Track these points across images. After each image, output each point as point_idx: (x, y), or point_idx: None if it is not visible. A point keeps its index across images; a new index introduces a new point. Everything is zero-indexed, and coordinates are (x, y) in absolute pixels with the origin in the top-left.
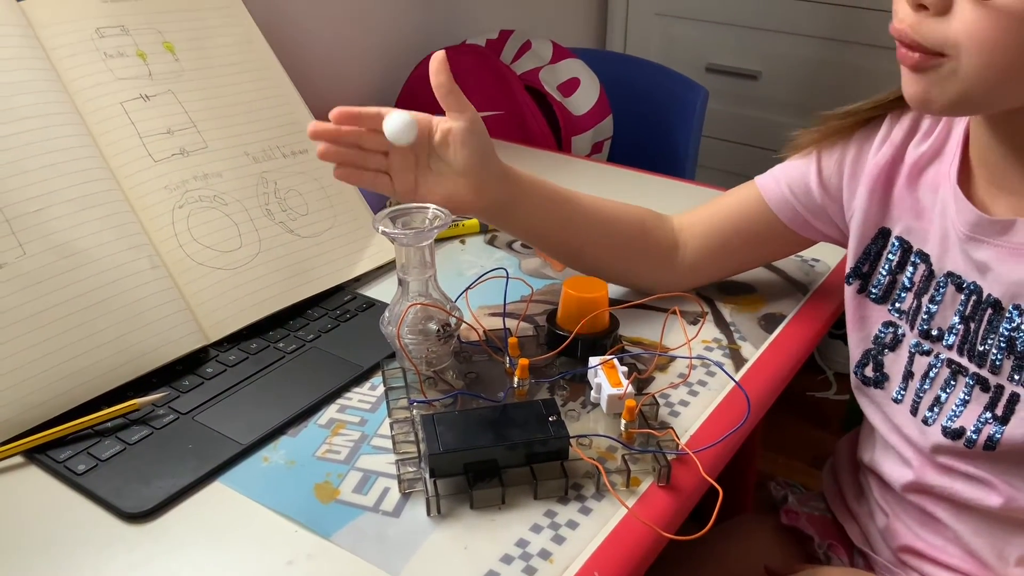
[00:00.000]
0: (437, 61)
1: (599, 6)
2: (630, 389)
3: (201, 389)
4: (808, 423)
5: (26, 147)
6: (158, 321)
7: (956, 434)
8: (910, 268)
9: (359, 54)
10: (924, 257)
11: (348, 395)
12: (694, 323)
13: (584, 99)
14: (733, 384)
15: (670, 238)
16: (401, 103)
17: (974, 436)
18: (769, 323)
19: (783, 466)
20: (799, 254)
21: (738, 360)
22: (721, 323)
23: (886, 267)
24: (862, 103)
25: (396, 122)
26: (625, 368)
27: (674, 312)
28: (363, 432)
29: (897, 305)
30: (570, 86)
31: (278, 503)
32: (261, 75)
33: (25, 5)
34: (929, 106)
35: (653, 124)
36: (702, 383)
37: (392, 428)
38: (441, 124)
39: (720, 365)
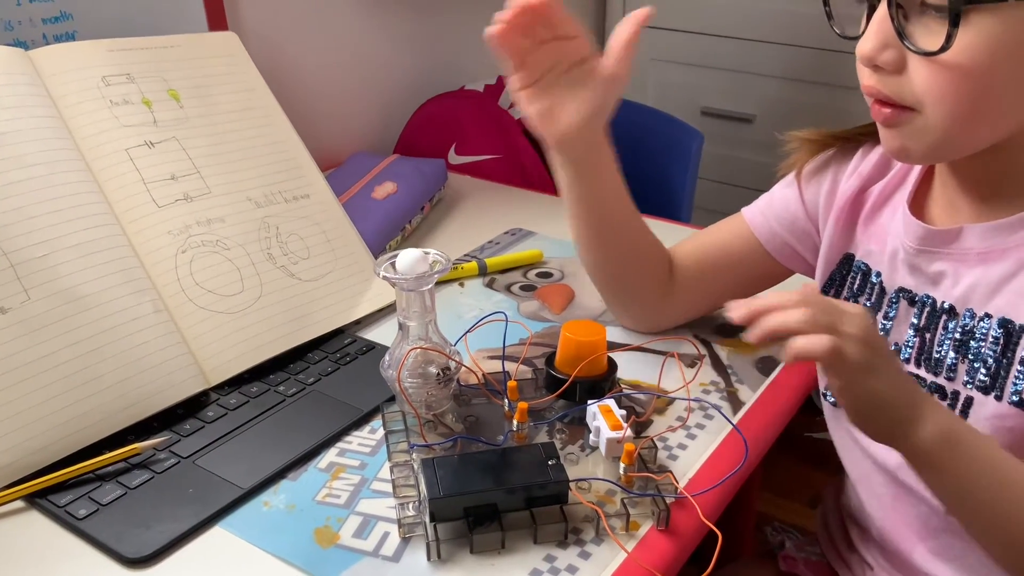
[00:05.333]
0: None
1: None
2: (629, 432)
3: (202, 433)
4: (807, 464)
5: (32, 193)
6: (160, 365)
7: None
8: (868, 290)
9: (359, 99)
10: (878, 278)
11: (348, 439)
12: (692, 366)
13: None
14: (731, 427)
15: (667, 266)
16: (400, 148)
17: None
18: (766, 366)
19: (783, 508)
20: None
21: (736, 403)
22: (718, 366)
23: (848, 292)
24: (842, 130)
25: None
26: (623, 411)
27: (672, 355)
28: (363, 476)
29: None
30: None
31: (278, 548)
32: (264, 121)
33: (33, 54)
34: (909, 157)
35: (650, 168)
36: (700, 426)
37: (392, 472)
38: (604, 61)
39: (718, 408)
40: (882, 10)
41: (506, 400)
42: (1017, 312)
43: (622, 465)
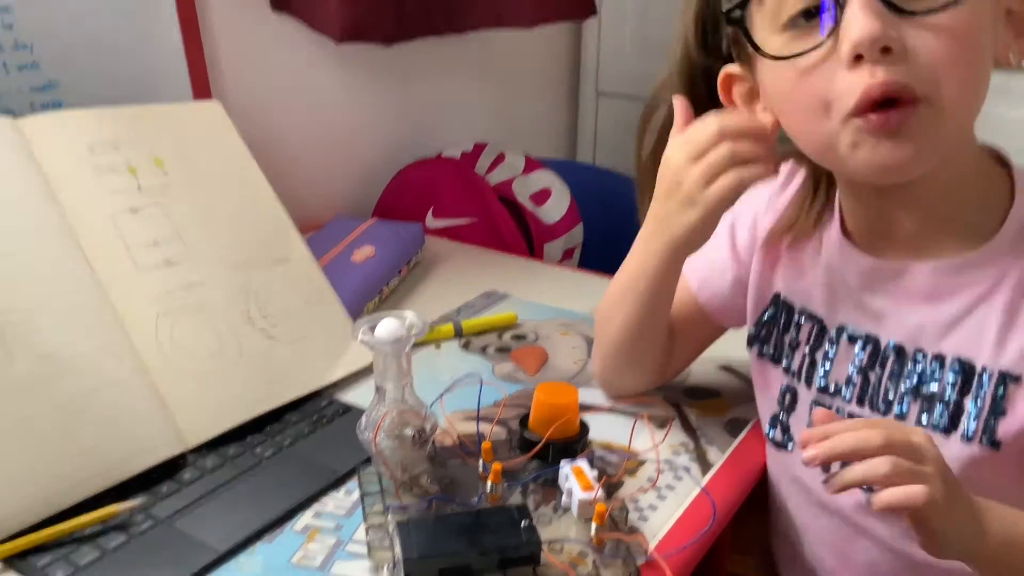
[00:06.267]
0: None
1: (570, 119)
2: (600, 493)
3: (179, 495)
4: None
5: (17, 258)
6: (138, 428)
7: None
8: (794, 329)
9: (340, 164)
10: (810, 316)
11: (324, 500)
12: (662, 427)
13: (555, 208)
14: (699, 489)
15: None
16: (379, 212)
17: None
18: (734, 427)
19: (752, 568)
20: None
21: (704, 464)
22: (688, 427)
23: (776, 329)
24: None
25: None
26: (595, 472)
27: (642, 417)
28: (338, 538)
29: (789, 364)
30: (542, 196)
31: None
32: (245, 186)
33: (21, 122)
34: (913, 167)
35: (621, 232)
36: (670, 487)
37: (368, 533)
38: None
39: (687, 469)
40: None
41: (480, 461)
42: (975, 352)
43: (594, 526)
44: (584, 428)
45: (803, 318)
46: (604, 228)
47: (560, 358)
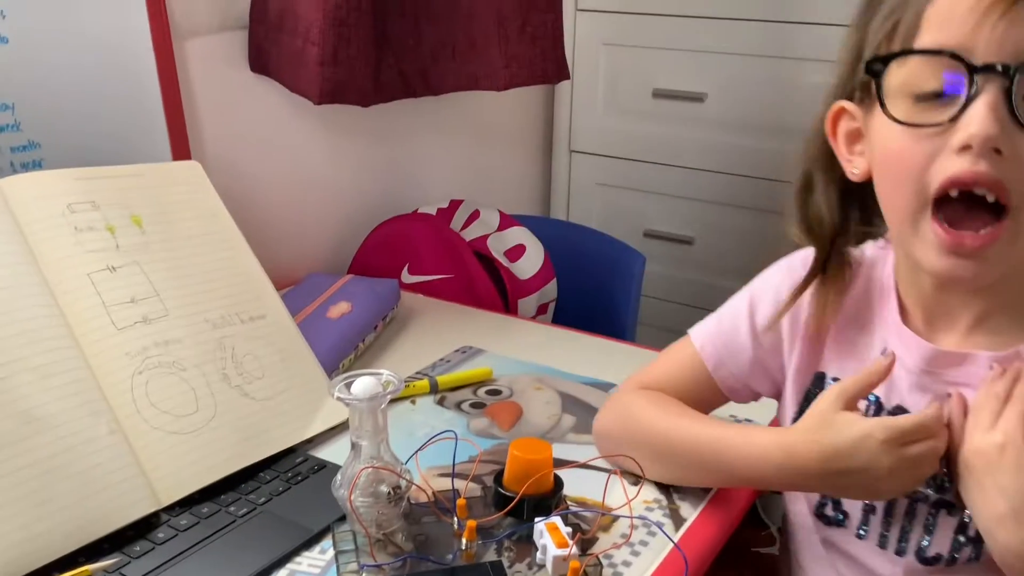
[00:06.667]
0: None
1: (543, 176)
2: (575, 550)
3: (152, 555)
4: None
5: None
6: (112, 486)
7: (933, 560)
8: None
9: (316, 221)
10: (874, 395)
11: (298, 559)
12: (636, 483)
13: (529, 264)
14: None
15: None
16: (355, 268)
17: (956, 556)
18: None
19: None
20: (733, 415)
21: (677, 520)
22: (661, 483)
23: None
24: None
25: None
26: (569, 528)
27: (616, 473)
28: None
29: None
30: (516, 252)
31: None
32: (222, 245)
33: (2, 182)
34: (973, 283)
35: (595, 288)
36: (643, 543)
37: None
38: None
39: (660, 525)
40: (995, 96)
41: (455, 518)
42: None
43: None
44: (558, 484)
45: (872, 399)
46: (578, 284)
47: (534, 413)
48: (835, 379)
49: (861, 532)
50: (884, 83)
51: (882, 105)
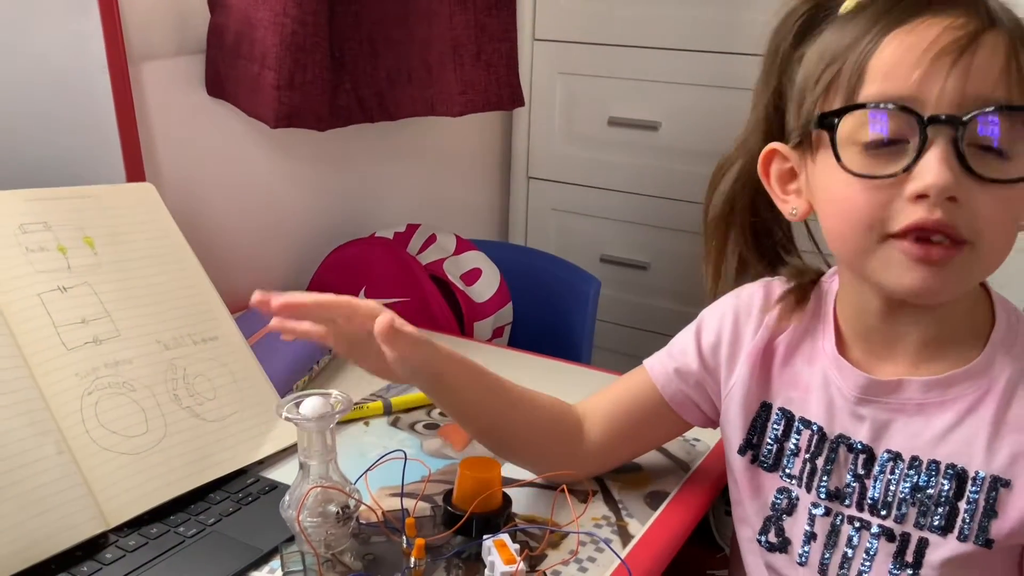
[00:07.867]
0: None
1: (502, 202)
2: (522, 566)
3: (100, 575)
4: None
5: None
6: (59, 507)
7: None
8: (795, 436)
9: (273, 245)
10: (807, 424)
11: None
12: (584, 500)
13: (485, 288)
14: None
15: (577, 426)
16: (312, 290)
17: None
18: (654, 500)
19: None
20: (682, 435)
21: (625, 536)
22: (609, 500)
23: (772, 436)
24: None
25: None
26: (517, 545)
27: (563, 490)
28: None
29: (788, 471)
30: (472, 276)
31: None
32: (175, 266)
33: None
34: (939, 295)
35: (550, 311)
36: (591, 559)
37: None
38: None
39: (607, 542)
40: (945, 147)
41: (404, 537)
42: (967, 460)
43: None
44: (507, 501)
45: (802, 426)
46: (534, 308)
47: None
48: (781, 408)
49: (801, 559)
50: (836, 135)
51: (837, 159)
